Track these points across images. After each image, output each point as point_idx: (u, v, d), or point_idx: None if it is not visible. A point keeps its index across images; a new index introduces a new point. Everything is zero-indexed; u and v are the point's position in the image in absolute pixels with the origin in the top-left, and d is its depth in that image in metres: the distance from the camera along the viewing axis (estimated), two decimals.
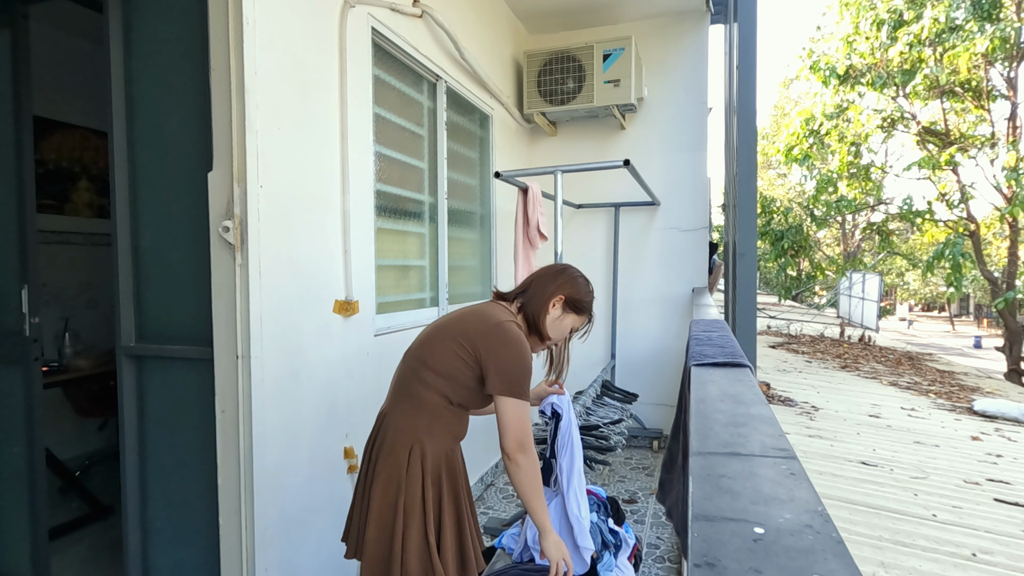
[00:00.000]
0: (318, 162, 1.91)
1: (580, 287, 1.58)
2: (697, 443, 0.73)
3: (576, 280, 1.59)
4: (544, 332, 1.54)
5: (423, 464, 1.39)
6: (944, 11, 8.36)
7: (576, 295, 1.57)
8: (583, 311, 1.59)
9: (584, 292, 1.59)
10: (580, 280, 1.60)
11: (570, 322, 1.58)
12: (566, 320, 1.57)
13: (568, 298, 1.56)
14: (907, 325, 27.06)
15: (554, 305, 1.55)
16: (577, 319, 1.59)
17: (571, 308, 1.57)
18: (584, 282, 1.61)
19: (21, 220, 2.04)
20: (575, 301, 1.57)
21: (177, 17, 1.73)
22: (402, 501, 1.36)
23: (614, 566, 1.83)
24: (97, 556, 2.52)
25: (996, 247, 15.00)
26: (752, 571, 0.39)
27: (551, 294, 1.54)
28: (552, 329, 1.56)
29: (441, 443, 1.42)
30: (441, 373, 1.41)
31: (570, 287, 1.57)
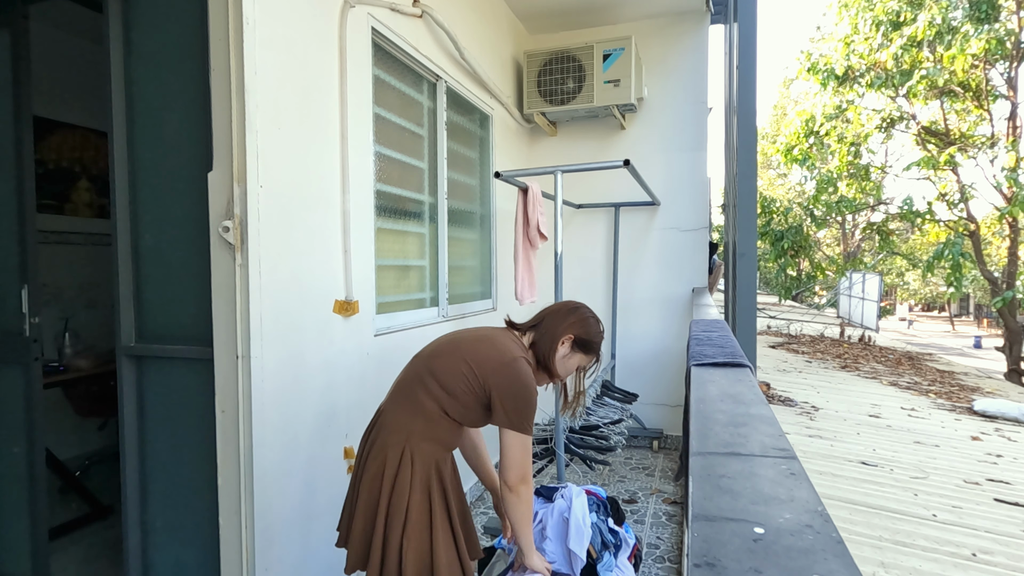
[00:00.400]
0: (318, 162, 1.91)
1: (591, 328, 1.63)
2: (697, 443, 0.73)
3: (587, 321, 1.63)
4: (553, 369, 1.59)
5: (412, 468, 1.41)
6: (940, 12, 8.36)
7: (586, 336, 1.61)
8: (591, 351, 1.64)
9: (594, 333, 1.63)
10: (591, 320, 1.65)
11: (577, 360, 1.63)
12: (573, 359, 1.62)
13: (577, 338, 1.60)
14: (907, 325, 27.05)
15: (563, 343, 1.59)
16: (584, 358, 1.64)
17: (579, 347, 1.61)
18: (595, 323, 1.65)
19: (21, 220, 2.04)
20: (584, 341, 1.61)
21: (177, 17, 1.73)
22: (386, 501, 1.39)
23: (614, 566, 1.82)
24: (97, 556, 2.52)
25: (996, 247, 15.00)
26: (752, 571, 0.39)
27: (562, 332, 1.59)
28: (559, 366, 1.61)
29: (432, 449, 1.44)
30: (446, 388, 1.44)
31: (581, 327, 1.61)
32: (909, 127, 10.84)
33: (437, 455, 1.45)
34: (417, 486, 1.41)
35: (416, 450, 1.42)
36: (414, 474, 1.41)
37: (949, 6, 8.42)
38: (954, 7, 8.44)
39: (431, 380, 1.45)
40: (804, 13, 78.37)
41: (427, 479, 1.43)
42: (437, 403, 1.44)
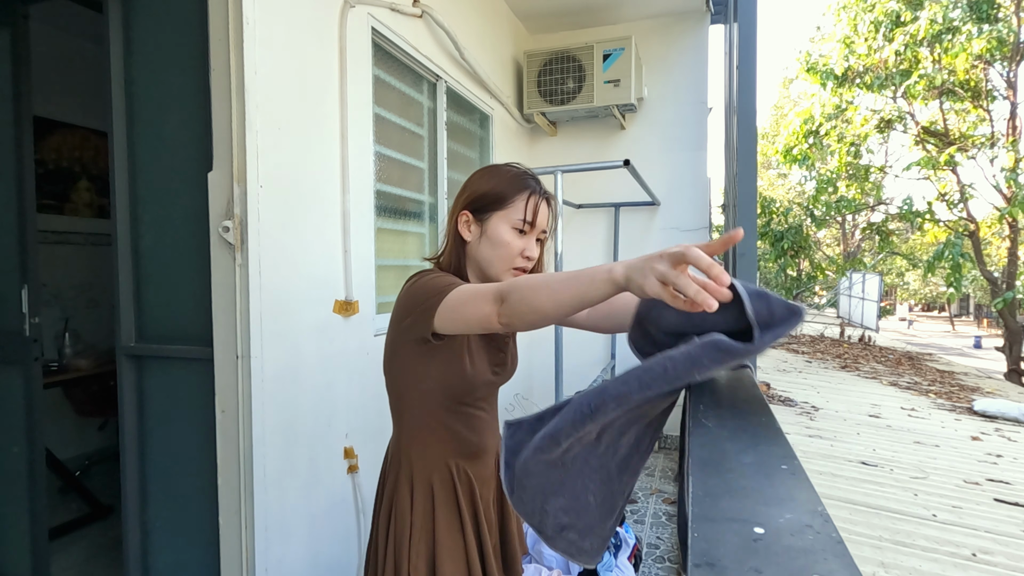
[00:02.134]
0: (318, 162, 1.91)
1: (485, 177, 1.10)
2: (697, 443, 0.73)
3: (478, 176, 1.12)
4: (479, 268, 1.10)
5: (412, 492, 1.12)
6: (941, 12, 8.37)
7: (480, 189, 1.08)
8: (504, 199, 1.06)
9: (491, 179, 1.09)
10: (485, 170, 1.12)
11: (498, 226, 1.07)
12: (494, 229, 1.07)
13: (473, 202, 1.08)
14: (907, 325, 27.06)
15: (467, 227, 1.10)
16: (507, 213, 1.07)
17: (486, 210, 1.08)
18: (491, 169, 1.12)
19: (21, 220, 2.04)
20: (483, 198, 1.07)
21: (177, 17, 1.73)
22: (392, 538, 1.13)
23: (614, 566, 1.83)
24: (97, 556, 2.52)
25: (996, 247, 15.00)
26: (752, 571, 0.39)
27: (454, 218, 1.11)
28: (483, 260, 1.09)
29: (428, 462, 1.12)
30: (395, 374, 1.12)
31: (469, 191, 1.10)
32: (908, 127, 10.84)
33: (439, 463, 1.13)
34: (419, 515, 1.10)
35: (411, 467, 1.13)
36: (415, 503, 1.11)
37: (949, 5, 8.42)
38: (954, 6, 8.44)
39: (390, 392, 1.15)
40: (804, 13, 78.37)
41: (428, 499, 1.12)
42: (396, 397, 1.14)
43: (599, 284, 0.75)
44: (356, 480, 2.06)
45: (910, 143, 11.10)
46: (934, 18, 8.35)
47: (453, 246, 1.11)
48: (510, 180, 1.08)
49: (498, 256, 1.07)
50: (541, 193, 1.10)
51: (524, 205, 1.07)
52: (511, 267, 1.09)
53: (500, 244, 1.07)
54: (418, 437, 1.13)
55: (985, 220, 11.01)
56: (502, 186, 1.08)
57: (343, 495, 2.00)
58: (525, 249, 1.09)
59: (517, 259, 1.08)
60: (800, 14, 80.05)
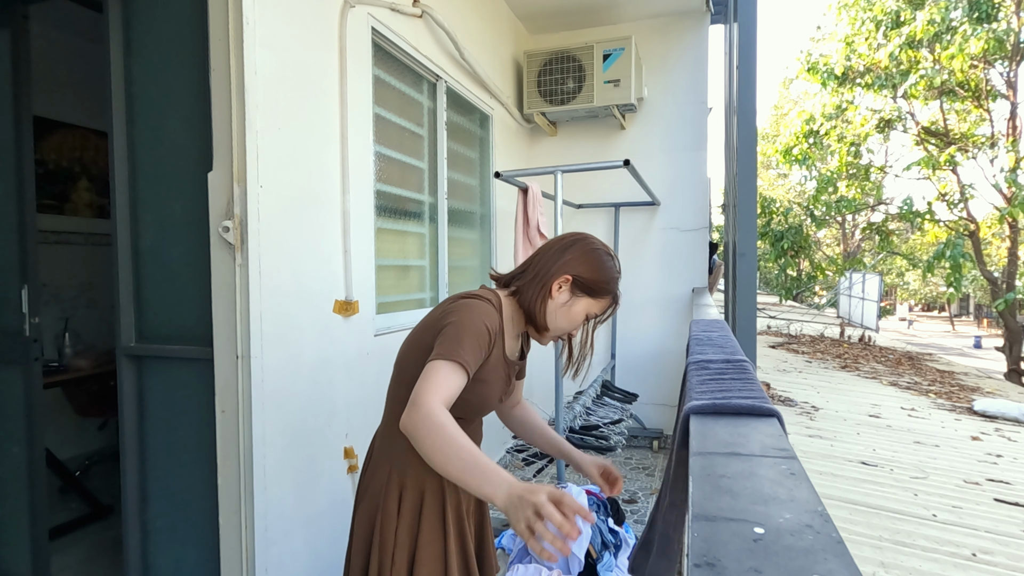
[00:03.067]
0: (318, 162, 1.91)
1: (597, 263, 1.23)
2: (697, 443, 0.73)
3: (591, 254, 1.24)
4: (543, 322, 1.22)
5: (401, 495, 1.18)
6: (939, 12, 8.36)
7: (590, 274, 1.22)
8: (602, 293, 1.24)
9: (601, 269, 1.23)
10: (597, 253, 1.25)
11: (583, 307, 1.23)
12: (578, 305, 1.23)
13: (578, 278, 1.22)
14: (907, 325, 27.06)
15: (559, 288, 1.22)
16: (594, 303, 1.24)
17: (583, 290, 1.22)
18: (603, 256, 1.25)
19: (21, 220, 2.04)
20: (589, 282, 1.22)
21: (177, 17, 1.73)
22: (377, 538, 1.18)
23: (614, 566, 1.83)
24: (97, 556, 2.52)
25: (996, 247, 15.00)
26: (752, 571, 0.39)
27: (555, 274, 1.21)
28: (559, 318, 1.23)
29: (421, 471, 1.18)
30: (407, 381, 1.14)
31: (582, 263, 1.22)
32: (908, 127, 10.85)
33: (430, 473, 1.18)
34: (406, 516, 1.17)
35: (406, 474, 1.18)
36: (402, 502, 1.17)
37: (948, 6, 8.41)
38: (953, 7, 8.44)
39: (401, 388, 1.19)
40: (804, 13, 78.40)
41: (417, 505, 1.18)
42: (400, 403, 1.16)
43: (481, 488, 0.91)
44: (356, 480, 2.06)
45: (910, 143, 11.11)
46: (931, 18, 8.35)
47: (537, 288, 1.23)
48: (611, 281, 1.26)
49: (563, 326, 1.25)
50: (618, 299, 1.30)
51: (607, 306, 1.27)
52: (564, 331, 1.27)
53: (573, 321, 1.24)
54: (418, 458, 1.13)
55: (985, 220, 11.01)
56: (605, 283, 1.24)
57: (343, 495, 2.00)
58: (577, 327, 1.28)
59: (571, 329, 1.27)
60: (800, 14, 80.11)
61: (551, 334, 1.25)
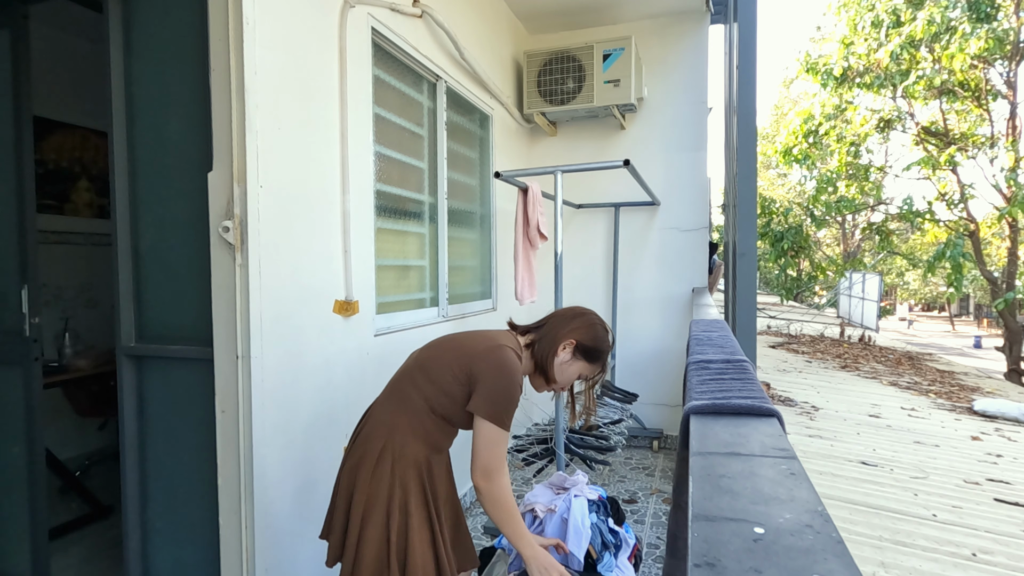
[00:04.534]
0: (318, 162, 1.91)
1: (597, 334, 1.54)
2: (697, 443, 0.73)
3: (594, 327, 1.54)
4: (550, 374, 1.50)
5: (393, 463, 1.36)
6: (939, 11, 8.36)
7: (590, 342, 1.52)
8: (595, 360, 1.54)
9: (600, 340, 1.54)
10: (598, 327, 1.55)
11: (578, 369, 1.54)
12: (574, 366, 1.53)
13: (580, 344, 1.51)
14: (907, 325, 27.06)
15: (564, 348, 1.51)
16: (587, 367, 1.54)
17: (582, 355, 1.52)
18: (602, 330, 1.56)
19: (21, 220, 2.04)
20: (588, 349, 1.52)
21: (177, 17, 1.73)
22: (363, 494, 1.35)
23: (614, 566, 1.82)
24: (97, 556, 2.52)
25: (996, 247, 15.00)
26: (752, 571, 0.39)
27: (564, 336, 1.51)
28: (558, 372, 1.52)
29: (417, 447, 1.39)
30: (432, 379, 1.40)
31: (586, 333, 1.52)
32: (908, 127, 10.84)
33: (423, 454, 1.40)
34: (397, 483, 1.35)
35: (399, 446, 1.37)
36: (395, 471, 1.36)
37: (948, 6, 8.41)
38: (953, 6, 8.44)
39: (419, 374, 1.42)
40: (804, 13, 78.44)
41: (407, 477, 1.37)
42: (423, 398, 1.40)
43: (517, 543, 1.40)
44: None
45: (910, 143, 11.11)
46: (931, 18, 8.34)
47: (548, 344, 1.51)
48: (605, 352, 1.56)
49: (562, 381, 1.54)
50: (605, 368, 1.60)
51: (597, 371, 1.58)
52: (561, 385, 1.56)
53: (568, 378, 1.55)
54: (415, 426, 1.40)
55: (985, 220, 11.01)
56: (602, 354, 1.55)
57: None
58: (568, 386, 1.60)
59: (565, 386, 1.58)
60: (800, 14, 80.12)
61: (546, 383, 1.54)
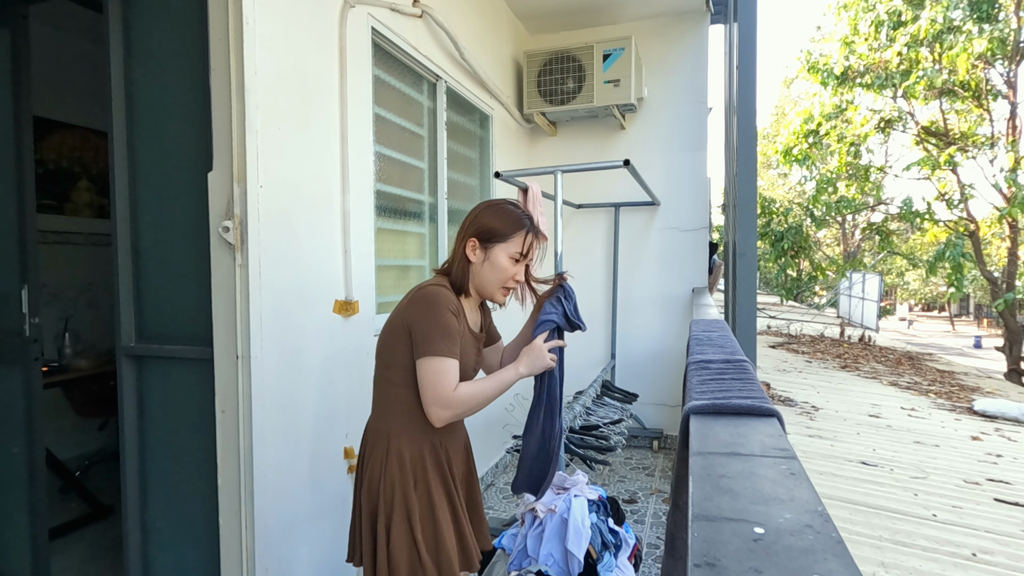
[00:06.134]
0: (318, 162, 1.91)
1: (494, 213, 1.36)
2: (697, 443, 0.73)
3: (487, 210, 1.37)
4: (476, 288, 1.37)
5: (401, 465, 1.32)
6: (942, 11, 8.36)
7: (487, 224, 1.34)
8: (509, 234, 1.34)
9: (499, 215, 1.35)
10: (494, 206, 1.38)
11: (500, 253, 1.34)
12: (493, 255, 1.34)
13: (481, 233, 1.34)
14: (907, 325, 27.05)
15: (473, 251, 1.35)
16: (509, 245, 1.35)
17: (489, 241, 1.34)
18: (499, 205, 1.39)
19: (21, 220, 2.04)
20: (490, 231, 1.34)
21: (177, 17, 1.73)
22: (383, 505, 1.31)
23: (614, 566, 1.82)
24: (97, 556, 2.52)
25: (996, 247, 15.00)
26: (752, 571, 0.39)
27: (463, 243, 1.36)
28: (484, 275, 1.36)
29: (419, 438, 1.34)
30: (389, 363, 1.34)
31: (481, 222, 1.35)
32: (908, 127, 10.84)
33: (428, 440, 1.34)
34: (410, 480, 1.31)
35: (403, 445, 1.33)
36: (404, 470, 1.32)
37: (950, 5, 8.41)
38: (954, 6, 8.44)
39: (380, 365, 1.38)
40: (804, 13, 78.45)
41: (421, 469, 1.33)
42: (394, 385, 1.34)
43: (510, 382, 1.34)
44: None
45: (910, 143, 11.10)
46: (935, 18, 8.35)
47: (461, 264, 1.37)
48: (513, 220, 1.37)
49: (496, 278, 1.37)
50: (537, 233, 1.40)
51: (522, 241, 1.36)
52: (502, 287, 1.39)
53: (499, 269, 1.36)
54: (408, 419, 1.33)
55: (985, 220, 11.01)
56: (506, 225, 1.36)
57: (343, 495, 2.00)
58: (516, 274, 1.39)
59: (509, 281, 1.38)
60: (800, 14, 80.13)
61: (489, 293, 1.39)
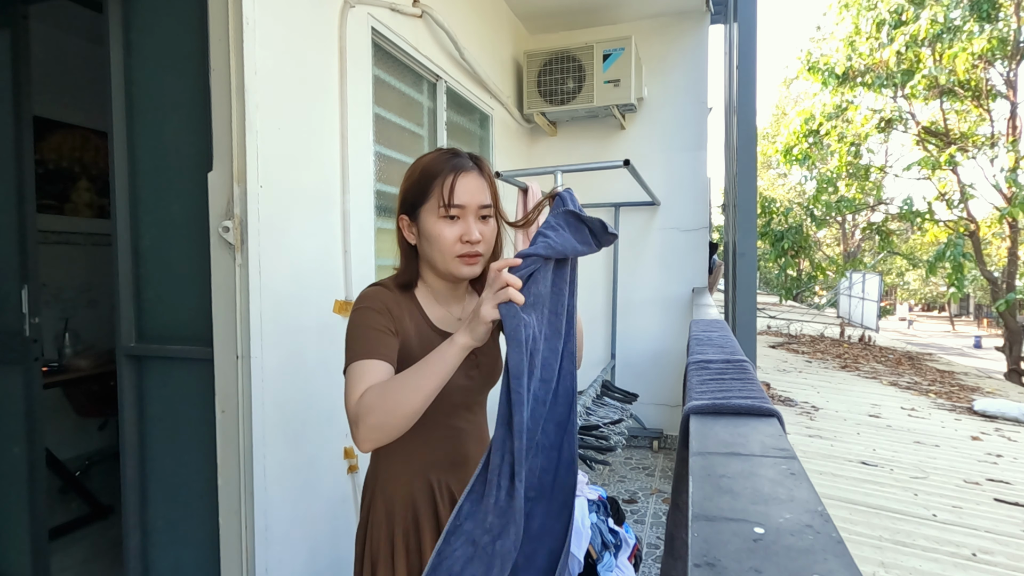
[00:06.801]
0: (318, 162, 1.91)
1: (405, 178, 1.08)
2: (697, 443, 0.73)
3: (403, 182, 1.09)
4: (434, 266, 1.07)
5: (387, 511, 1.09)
6: (942, 11, 8.37)
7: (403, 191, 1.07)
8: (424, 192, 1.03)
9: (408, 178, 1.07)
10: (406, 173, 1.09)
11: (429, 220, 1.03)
12: (426, 225, 1.04)
13: (403, 206, 1.07)
14: (907, 325, 27.05)
15: (408, 230, 1.08)
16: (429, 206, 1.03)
17: (412, 211, 1.05)
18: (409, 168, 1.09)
19: (21, 220, 2.04)
20: (407, 199, 1.06)
21: (177, 17, 1.73)
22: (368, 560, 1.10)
23: (614, 566, 1.82)
24: (97, 556, 2.52)
25: (996, 247, 15.00)
26: (752, 571, 0.39)
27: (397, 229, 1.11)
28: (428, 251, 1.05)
29: (415, 476, 1.09)
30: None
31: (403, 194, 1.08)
32: (908, 127, 10.85)
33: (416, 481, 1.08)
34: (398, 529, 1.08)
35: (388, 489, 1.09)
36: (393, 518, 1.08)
37: (951, 4, 8.42)
38: (955, 6, 8.45)
39: None
40: (804, 13, 78.44)
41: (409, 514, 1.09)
42: None
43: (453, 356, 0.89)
44: (356, 480, 2.06)
45: (910, 143, 11.11)
46: (935, 17, 8.35)
47: (404, 254, 1.11)
48: (423, 169, 1.04)
49: (438, 251, 1.03)
50: (457, 168, 1.02)
51: (442, 190, 1.01)
52: (455, 257, 1.04)
53: (434, 238, 1.03)
54: (393, 450, 1.06)
55: (985, 220, 11.01)
56: (417, 178, 1.04)
57: (343, 495, 2.00)
58: (463, 234, 1.03)
59: (457, 246, 1.03)
60: (800, 14, 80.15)
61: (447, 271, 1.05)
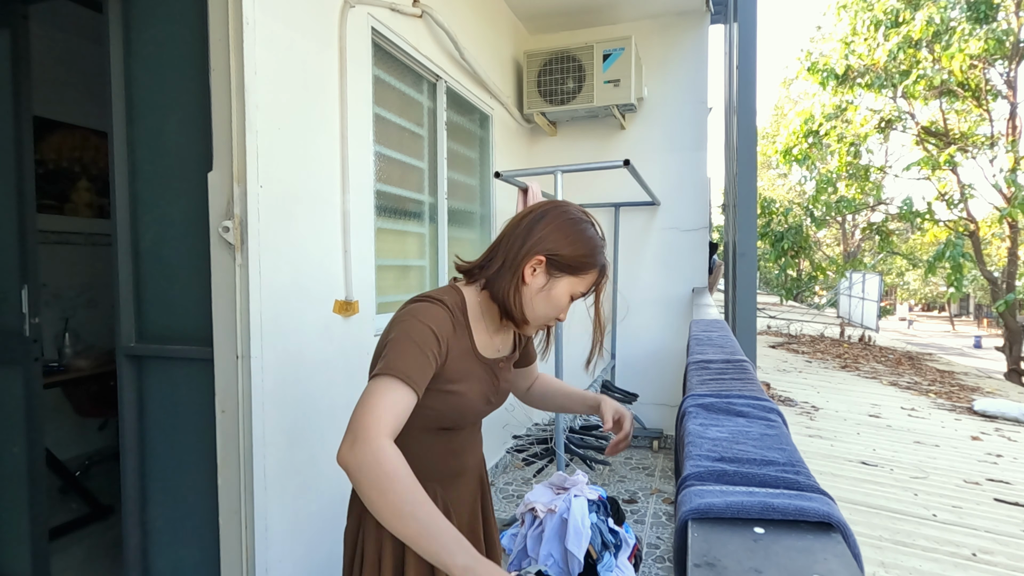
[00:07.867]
0: (318, 162, 1.91)
1: (573, 235, 1.04)
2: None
3: (565, 226, 1.04)
4: (521, 315, 1.04)
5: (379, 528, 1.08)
6: (938, 12, 8.37)
7: (567, 249, 1.03)
8: (584, 269, 1.04)
9: (580, 241, 1.04)
10: (573, 223, 1.05)
11: (565, 288, 1.05)
12: (557, 287, 1.04)
13: (553, 257, 1.03)
14: (907, 325, 27.05)
15: (533, 272, 1.03)
16: (577, 281, 1.05)
17: (562, 270, 1.04)
18: (580, 224, 1.06)
19: (21, 220, 2.04)
20: (567, 259, 1.03)
21: (177, 17, 1.73)
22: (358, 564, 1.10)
23: (614, 566, 1.82)
24: (97, 556, 2.52)
25: (996, 247, 15.00)
26: (752, 571, 0.39)
27: (526, 256, 1.03)
28: (538, 306, 1.04)
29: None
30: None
31: (556, 238, 1.03)
32: (908, 127, 10.85)
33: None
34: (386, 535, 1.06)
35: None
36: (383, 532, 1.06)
37: (947, 5, 8.42)
38: (952, 6, 8.45)
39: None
40: (804, 13, 78.48)
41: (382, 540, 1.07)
42: None
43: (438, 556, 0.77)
44: None
45: (910, 143, 11.11)
46: (930, 18, 8.35)
47: (507, 277, 1.04)
48: (592, 252, 1.06)
49: (543, 310, 1.05)
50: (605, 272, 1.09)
51: (592, 281, 1.07)
52: (549, 320, 1.09)
53: (556, 306, 1.06)
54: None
55: (985, 220, 11.01)
56: (586, 257, 1.05)
57: (343, 495, 2.00)
58: (563, 312, 1.08)
59: (554, 316, 1.08)
60: (800, 14, 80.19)
61: (532, 326, 1.08)
